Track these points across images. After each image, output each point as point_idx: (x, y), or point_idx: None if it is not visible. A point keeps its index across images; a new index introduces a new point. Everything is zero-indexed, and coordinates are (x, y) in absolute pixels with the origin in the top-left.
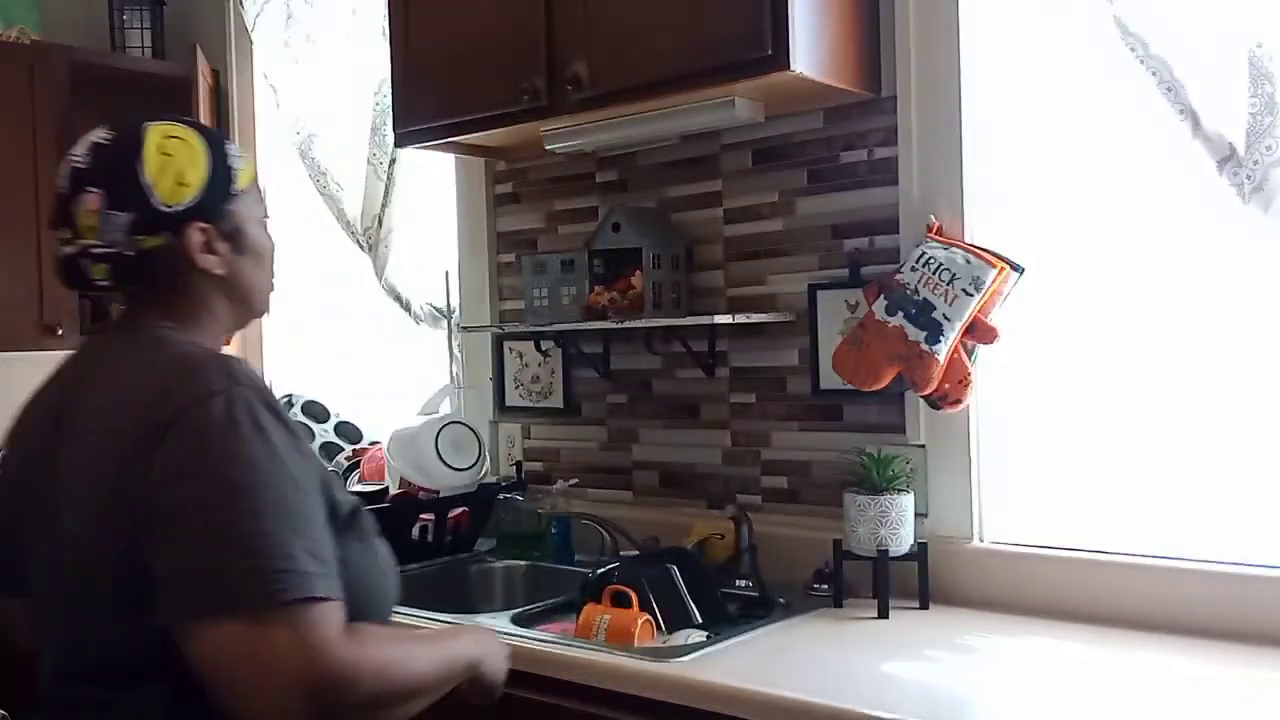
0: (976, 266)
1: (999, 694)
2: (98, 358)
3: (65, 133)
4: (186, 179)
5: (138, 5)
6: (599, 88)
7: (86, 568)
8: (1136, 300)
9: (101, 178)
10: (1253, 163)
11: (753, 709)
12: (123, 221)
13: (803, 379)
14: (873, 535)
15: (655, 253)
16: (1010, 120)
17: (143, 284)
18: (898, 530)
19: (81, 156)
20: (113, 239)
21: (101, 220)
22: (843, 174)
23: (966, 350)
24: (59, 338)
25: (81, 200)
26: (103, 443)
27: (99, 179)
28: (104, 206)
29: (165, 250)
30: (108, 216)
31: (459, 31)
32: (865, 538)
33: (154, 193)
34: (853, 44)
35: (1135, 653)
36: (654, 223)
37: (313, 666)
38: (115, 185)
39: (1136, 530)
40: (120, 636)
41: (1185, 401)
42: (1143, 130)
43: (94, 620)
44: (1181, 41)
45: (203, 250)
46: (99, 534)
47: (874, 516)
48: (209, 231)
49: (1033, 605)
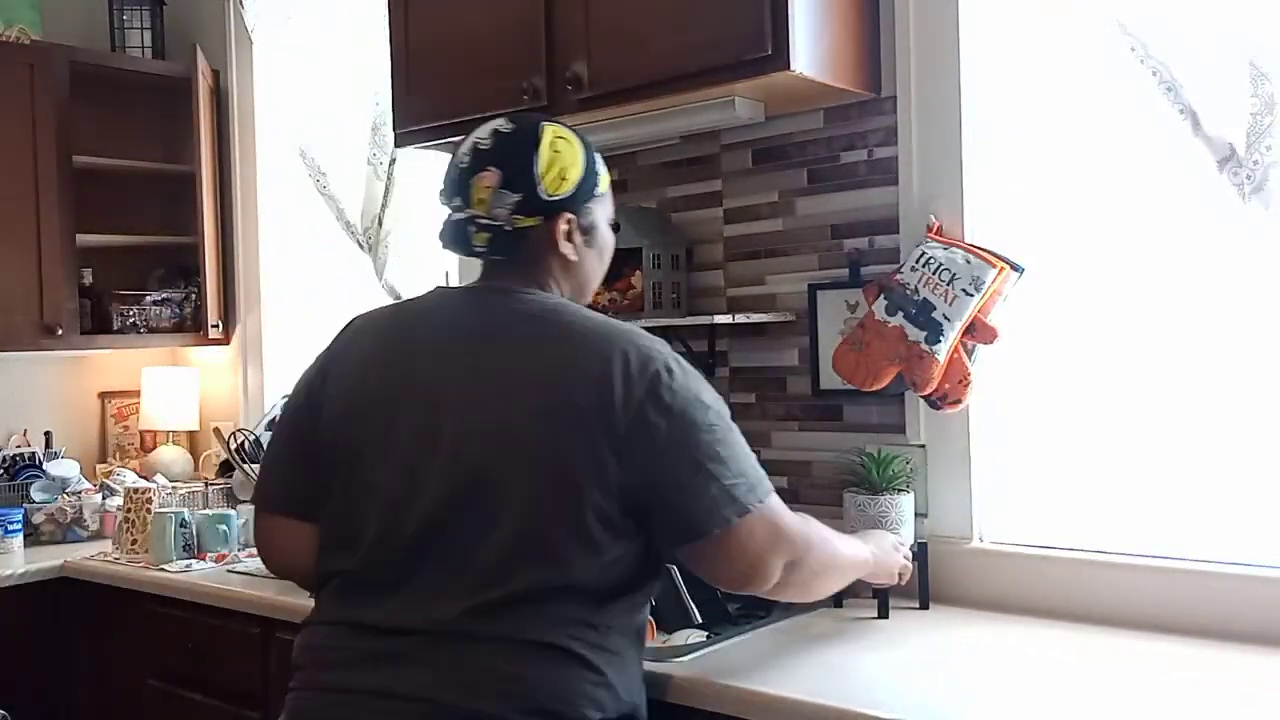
0: (976, 266)
1: (998, 694)
2: (490, 316)
3: (65, 133)
4: (567, 175)
5: (138, 5)
6: (599, 88)
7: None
8: (1136, 300)
9: (501, 160)
10: (1253, 163)
11: (753, 709)
12: (511, 200)
13: (803, 379)
14: None
15: (655, 253)
16: (1010, 120)
17: (508, 256)
18: (897, 530)
19: (486, 139)
20: (497, 214)
21: (494, 196)
22: (843, 174)
23: (966, 350)
24: (59, 338)
25: (481, 176)
26: (559, 400)
27: (499, 161)
28: (499, 185)
29: (535, 231)
30: (500, 194)
31: (459, 31)
32: None
33: (541, 182)
34: (853, 44)
35: (1135, 653)
36: (654, 222)
37: (793, 538)
38: (512, 169)
39: (1136, 530)
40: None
41: (1185, 401)
42: (1143, 130)
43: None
44: (1182, 41)
45: (565, 238)
46: (575, 478)
47: (874, 516)
48: (572, 223)
49: (1032, 605)
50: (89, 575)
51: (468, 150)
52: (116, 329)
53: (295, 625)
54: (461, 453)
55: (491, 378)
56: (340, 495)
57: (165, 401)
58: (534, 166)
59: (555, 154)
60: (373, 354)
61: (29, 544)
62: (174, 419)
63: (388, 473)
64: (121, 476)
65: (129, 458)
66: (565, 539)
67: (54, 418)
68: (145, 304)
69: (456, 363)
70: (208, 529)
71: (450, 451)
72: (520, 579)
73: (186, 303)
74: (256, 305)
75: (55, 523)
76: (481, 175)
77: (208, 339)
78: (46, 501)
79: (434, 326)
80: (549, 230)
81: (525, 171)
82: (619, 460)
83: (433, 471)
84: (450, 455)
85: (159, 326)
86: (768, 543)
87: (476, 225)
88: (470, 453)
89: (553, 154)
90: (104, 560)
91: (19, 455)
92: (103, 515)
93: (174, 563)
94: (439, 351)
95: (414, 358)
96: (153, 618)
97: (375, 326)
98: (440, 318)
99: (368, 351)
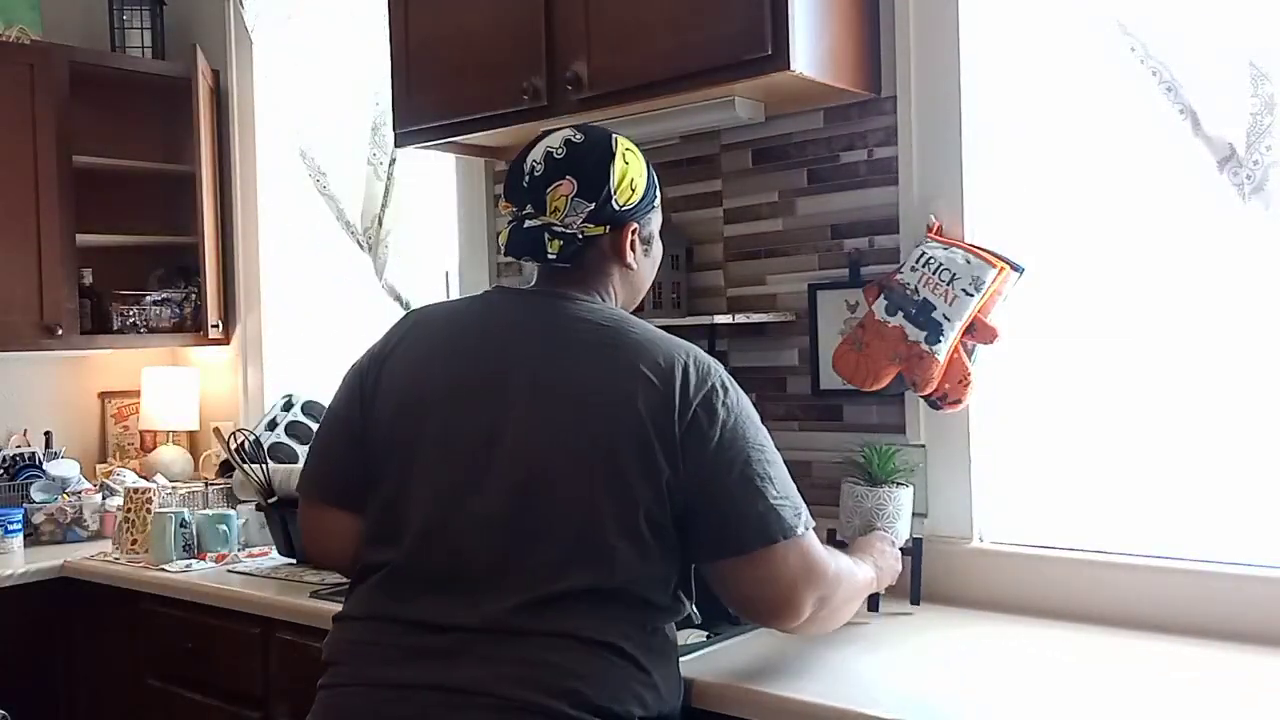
0: (976, 266)
1: (998, 694)
2: (554, 322)
3: (65, 133)
4: (636, 186)
5: (138, 5)
6: (599, 88)
7: (585, 506)
8: (1136, 300)
9: (577, 170)
10: (1253, 163)
11: (753, 709)
12: (585, 210)
13: (803, 379)
14: (868, 528)
15: None
16: (1010, 120)
17: (573, 264)
18: (894, 524)
19: (559, 148)
20: (571, 221)
21: (569, 205)
22: (843, 174)
23: (966, 350)
24: (59, 338)
25: (558, 185)
26: (621, 412)
27: (574, 170)
28: (574, 194)
29: (601, 240)
30: (575, 203)
31: (459, 31)
32: (860, 530)
33: (615, 193)
34: (853, 44)
35: (1135, 653)
36: None
37: (826, 573)
38: (587, 179)
39: (1136, 530)
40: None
41: (1185, 401)
42: (1143, 130)
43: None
44: (1182, 41)
45: (630, 247)
46: (630, 485)
47: (870, 508)
48: (636, 232)
49: (1032, 605)
50: (89, 575)
51: (540, 158)
52: (116, 329)
53: (295, 625)
54: (521, 453)
55: (554, 382)
56: (390, 489)
57: (165, 401)
58: (609, 178)
59: (626, 165)
60: (432, 350)
61: (29, 544)
62: (174, 419)
63: (443, 469)
64: (121, 476)
65: (129, 458)
66: (619, 542)
67: (54, 418)
68: (145, 304)
69: (520, 365)
70: (208, 529)
71: (510, 452)
72: (573, 579)
73: (186, 303)
74: (256, 305)
75: (55, 523)
76: (559, 184)
77: (208, 339)
78: (46, 501)
79: (499, 326)
80: (614, 240)
81: (600, 182)
82: (672, 466)
83: (491, 470)
84: (510, 456)
85: (159, 326)
86: (803, 573)
87: (551, 233)
88: (530, 454)
89: (624, 165)
90: (104, 560)
91: (19, 455)
92: (103, 515)
93: (174, 563)
94: (502, 352)
95: (476, 357)
96: (152, 618)
97: (435, 322)
98: (504, 318)
99: (426, 347)
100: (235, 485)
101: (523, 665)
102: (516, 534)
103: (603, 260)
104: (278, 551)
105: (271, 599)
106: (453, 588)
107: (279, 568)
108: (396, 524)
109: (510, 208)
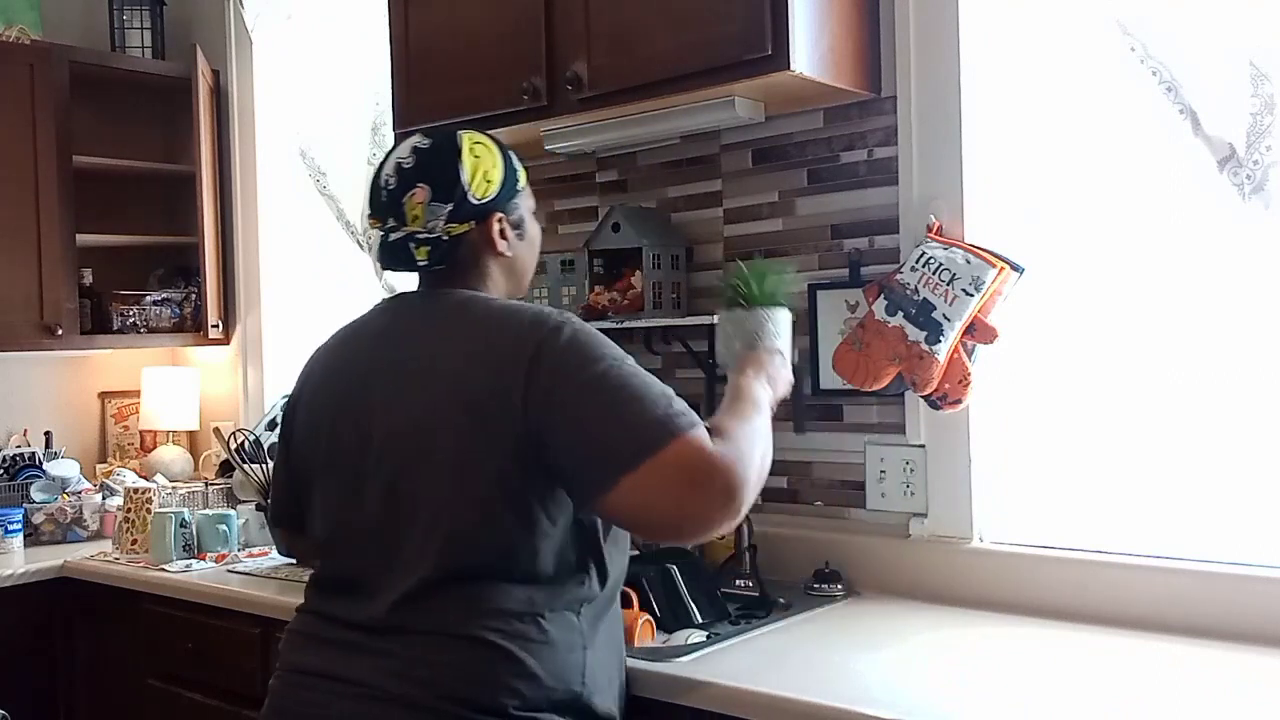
0: (976, 266)
1: (998, 694)
2: (413, 319)
3: (65, 133)
4: (491, 177)
5: (138, 5)
6: (599, 88)
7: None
8: (1137, 300)
9: (427, 175)
10: (1253, 163)
11: (753, 709)
12: (444, 211)
13: (803, 379)
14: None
15: (655, 252)
16: (1010, 120)
17: (447, 265)
18: (775, 343)
19: (408, 157)
20: (433, 226)
21: (427, 210)
22: (843, 174)
23: (966, 350)
24: (59, 338)
25: (413, 194)
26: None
27: (425, 176)
28: (429, 199)
29: (469, 236)
30: (432, 208)
31: (459, 31)
32: (740, 354)
33: (469, 188)
34: (853, 44)
35: (1135, 653)
36: (653, 222)
37: (718, 469)
38: (439, 182)
39: (1136, 530)
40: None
41: (1185, 401)
42: (1143, 130)
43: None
44: (1182, 42)
45: (500, 236)
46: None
47: (751, 330)
48: (503, 220)
49: (1032, 605)
50: (89, 575)
51: (392, 171)
52: (116, 329)
53: None
54: (386, 455)
55: (410, 377)
56: (312, 507)
57: (165, 401)
58: (460, 175)
59: (476, 159)
60: (324, 373)
61: (29, 544)
62: (174, 419)
63: (336, 484)
64: (121, 476)
65: (129, 458)
66: (479, 527)
67: (54, 418)
68: (145, 304)
69: (383, 370)
70: (208, 529)
71: (377, 456)
72: (438, 569)
73: (186, 303)
74: (256, 305)
75: (55, 523)
76: (413, 193)
77: (208, 339)
78: (46, 501)
79: (368, 337)
80: (482, 232)
81: (453, 181)
82: (525, 411)
83: (367, 476)
84: (377, 460)
85: (159, 326)
86: (703, 465)
87: (416, 241)
88: (392, 454)
89: (474, 160)
90: (104, 560)
91: (19, 455)
92: (103, 515)
93: (174, 563)
94: (371, 361)
95: (350, 372)
96: (152, 618)
97: (328, 346)
98: (374, 327)
99: (320, 372)
100: (235, 485)
101: (399, 660)
102: (390, 536)
103: (475, 254)
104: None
105: (271, 599)
106: (353, 590)
107: (279, 568)
108: (318, 537)
109: (377, 224)
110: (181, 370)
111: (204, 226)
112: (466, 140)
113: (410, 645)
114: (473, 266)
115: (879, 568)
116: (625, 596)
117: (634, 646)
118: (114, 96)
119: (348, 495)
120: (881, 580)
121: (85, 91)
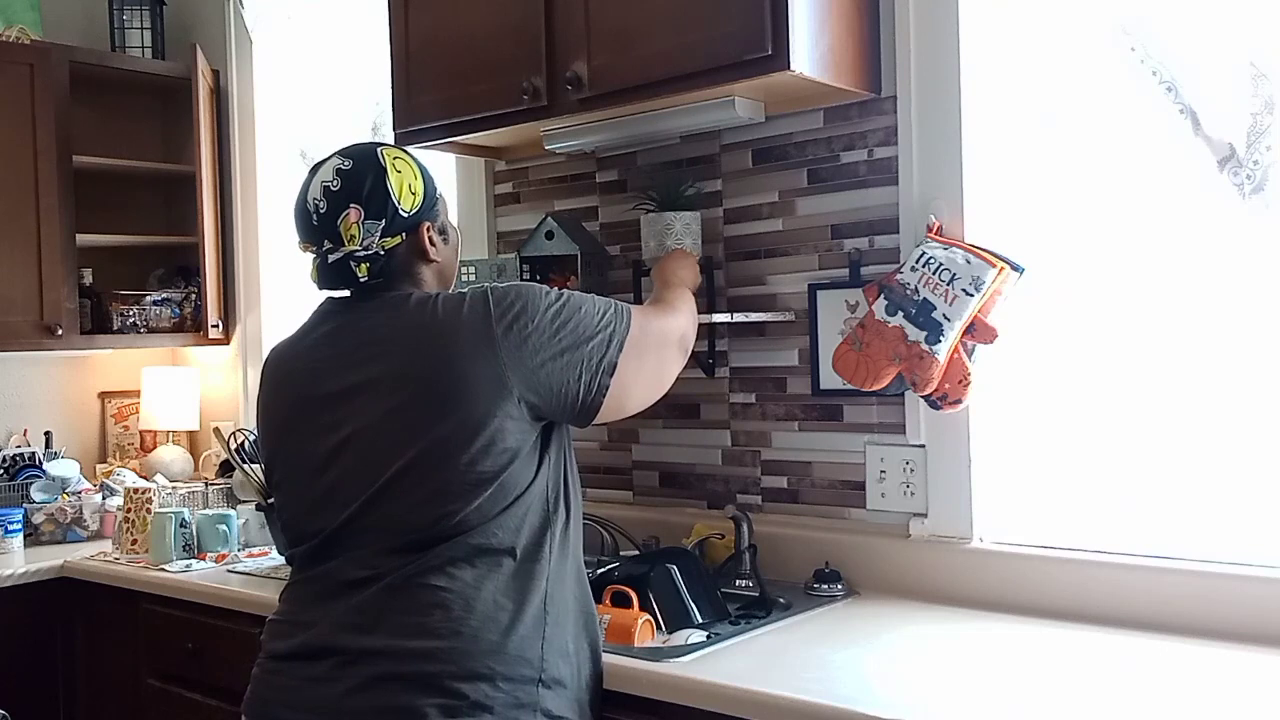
0: (976, 266)
1: (998, 694)
2: (358, 319)
3: (65, 133)
4: (415, 189)
5: (138, 5)
6: (599, 88)
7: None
8: (1137, 300)
9: (357, 195)
10: (1253, 163)
11: (753, 709)
12: (378, 229)
13: (803, 379)
14: (662, 248)
15: (589, 258)
16: (1010, 120)
17: (384, 275)
18: (683, 240)
19: (333, 180)
20: (369, 243)
21: (362, 230)
22: (843, 174)
23: (966, 350)
24: (59, 338)
25: (346, 215)
26: (413, 368)
27: (355, 197)
28: (363, 219)
29: (401, 247)
30: (367, 225)
31: (459, 31)
32: (656, 251)
33: (399, 203)
34: (853, 44)
35: (1135, 653)
36: (584, 233)
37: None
38: (370, 201)
39: (1135, 530)
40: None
41: (1185, 401)
42: (1143, 130)
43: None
44: (1182, 42)
45: (430, 243)
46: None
47: (660, 230)
48: (430, 228)
49: (1032, 605)
50: (89, 575)
51: (319, 195)
52: (116, 329)
53: None
54: (340, 455)
55: (359, 374)
56: (281, 507)
57: (165, 401)
58: (389, 192)
59: (399, 174)
60: (274, 382)
61: (29, 544)
62: (174, 419)
63: (291, 482)
64: (121, 476)
65: (129, 458)
66: (419, 507)
67: (54, 418)
68: (145, 304)
69: (328, 374)
70: (208, 529)
71: (349, 467)
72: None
73: (186, 303)
74: (256, 305)
75: (55, 523)
76: (346, 214)
77: (208, 339)
78: (46, 501)
79: (310, 344)
80: (413, 243)
81: (383, 199)
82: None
83: (326, 495)
84: (347, 471)
85: (159, 326)
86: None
87: (355, 259)
88: (361, 465)
89: (397, 175)
90: (104, 560)
91: (19, 455)
92: (103, 515)
93: (174, 563)
94: (313, 367)
95: (293, 379)
96: (152, 617)
97: (276, 352)
98: (315, 333)
99: (270, 381)
100: (235, 485)
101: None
102: (342, 535)
103: (409, 263)
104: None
105: (271, 599)
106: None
107: (279, 568)
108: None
109: (311, 248)
110: (181, 370)
111: (204, 226)
112: (387, 156)
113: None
114: (407, 273)
115: (879, 568)
116: (625, 596)
117: (634, 646)
118: (114, 96)
119: (303, 516)
120: (881, 580)
121: (85, 91)
